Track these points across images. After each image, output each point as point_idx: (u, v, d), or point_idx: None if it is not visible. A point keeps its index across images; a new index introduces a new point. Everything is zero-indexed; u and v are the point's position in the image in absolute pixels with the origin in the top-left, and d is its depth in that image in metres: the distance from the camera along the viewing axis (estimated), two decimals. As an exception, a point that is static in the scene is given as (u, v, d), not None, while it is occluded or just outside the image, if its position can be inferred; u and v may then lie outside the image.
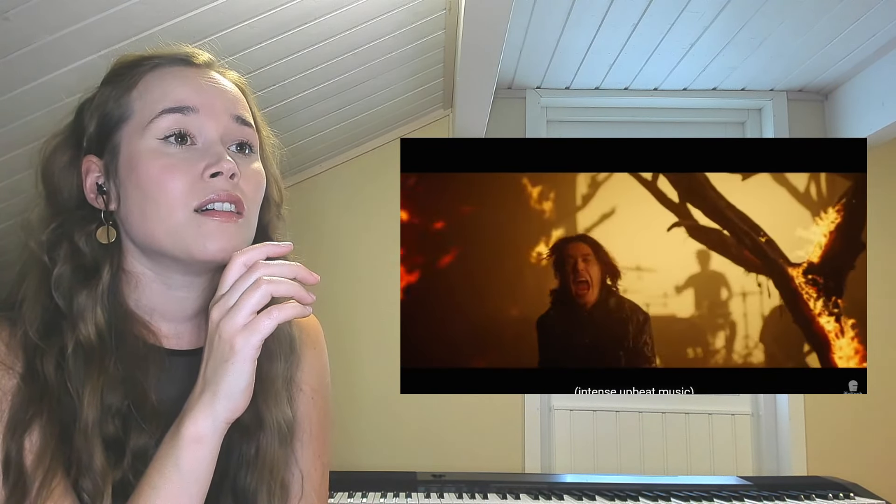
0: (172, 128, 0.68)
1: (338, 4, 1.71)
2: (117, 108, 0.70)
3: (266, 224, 0.77)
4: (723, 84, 2.64)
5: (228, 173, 0.67)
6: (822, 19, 2.13)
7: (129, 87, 0.71)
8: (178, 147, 0.68)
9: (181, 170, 0.67)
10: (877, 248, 2.50)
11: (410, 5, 1.86)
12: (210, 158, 0.68)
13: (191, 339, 0.74)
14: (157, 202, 0.67)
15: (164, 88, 0.70)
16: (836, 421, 2.53)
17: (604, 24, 2.20)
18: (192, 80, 0.71)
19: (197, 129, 0.69)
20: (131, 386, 0.67)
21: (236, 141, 0.72)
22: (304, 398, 0.80)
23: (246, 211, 0.69)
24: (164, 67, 0.72)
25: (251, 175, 0.72)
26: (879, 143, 2.49)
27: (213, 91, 0.71)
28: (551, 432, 2.60)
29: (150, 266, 0.71)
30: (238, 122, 0.72)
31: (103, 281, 0.68)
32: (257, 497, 0.70)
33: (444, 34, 2.11)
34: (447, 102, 2.64)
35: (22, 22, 1.31)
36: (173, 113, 0.68)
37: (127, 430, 0.65)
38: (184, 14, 1.48)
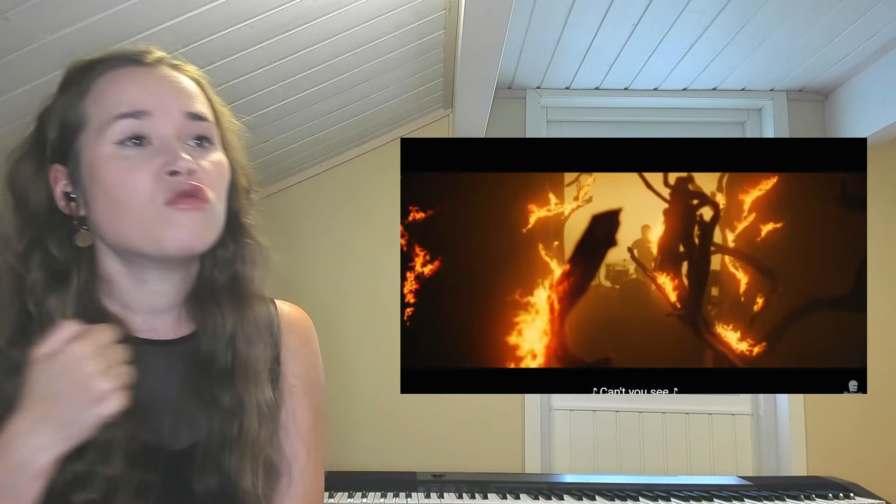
0: (128, 132, 0.70)
1: (338, 4, 1.71)
2: (73, 115, 0.72)
3: (237, 210, 0.79)
4: (723, 84, 2.64)
5: (185, 171, 0.69)
6: (822, 19, 2.13)
7: (83, 93, 0.72)
8: (135, 149, 0.70)
9: (142, 169, 0.69)
10: (877, 248, 2.50)
11: (410, 5, 1.86)
12: (167, 156, 0.69)
13: (165, 331, 0.76)
14: (125, 203, 0.69)
15: (116, 93, 0.71)
16: (836, 421, 2.53)
17: (604, 24, 2.20)
18: (144, 82, 0.72)
19: (152, 130, 0.70)
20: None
21: (193, 136, 0.73)
22: (295, 392, 0.81)
23: (210, 200, 0.71)
24: (114, 70, 0.73)
25: (212, 167, 0.73)
26: (879, 143, 2.49)
27: (165, 91, 0.73)
28: (551, 432, 2.60)
29: (124, 264, 0.73)
30: (192, 118, 0.73)
31: (74, 284, 0.70)
32: (241, 477, 0.71)
33: (444, 34, 2.11)
34: (447, 102, 2.64)
35: (22, 22, 1.31)
36: (127, 118, 0.70)
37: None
38: (184, 14, 1.48)
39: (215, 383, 0.73)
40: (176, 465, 0.70)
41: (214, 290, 0.77)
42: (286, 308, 0.86)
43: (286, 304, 0.87)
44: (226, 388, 0.73)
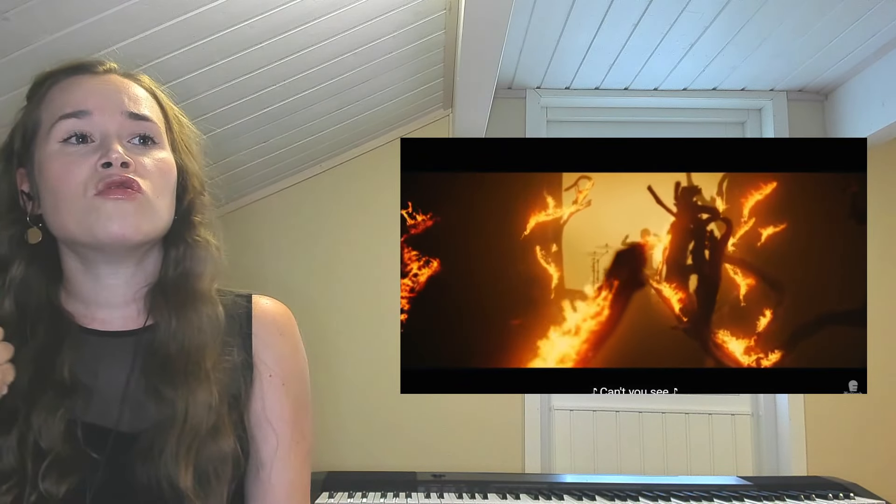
0: (70, 130, 0.75)
1: (338, 4, 1.71)
2: (30, 122, 0.79)
3: (188, 209, 0.83)
4: (723, 84, 2.64)
5: (117, 162, 0.73)
6: (822, 19, 2.13)
7: (39, 101, 0.79)
8: (76, 146, 0.75)
9: (78, 164, 0.74)
10: (877, 248, 2.50)
11: (410, 5, 1.86)
12: (102, 151, 0.74)
13: (122, 324, 0.80)
14: (62, 196, 0.74)
15: (63, 97, 0.77)
16: (836, 421, 2.53)
17: (604, 24, 2.20)
18: (89, 86, 0.78)
19: (92, 128, 0.76)
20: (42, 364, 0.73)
21: (135, 134, 0.78)
22: (271, 382, 0.82)
23: (143, 191, 0.75)
24: (67, 78, 0.79)
25: (152, 164, 0.77)
26: (879, 143, 2.48)
27: (106, 93, 0.78)
28: (551, 432, 2.60)
29: (80, 262, 0.78)
30: (134, 117, 0.78)
31: (11, 276, 0.77)
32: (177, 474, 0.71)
33: (444, 34, 2.11)
34: (447, 102, 2.64)
35: (22, 22, 1.31)
36: (70, 118, 0.75)
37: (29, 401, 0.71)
38: (184, 14, 1.48)
39: (159, 377, 0.75)
40: (122, 447, 0.73)
41: (165, 287, 0.81)
42: (263, 301, 0.87)
43: (264, 298, 0.88)
44: (167, 382, 0.75)
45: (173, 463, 0.71)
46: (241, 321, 0.83)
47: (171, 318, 0.78)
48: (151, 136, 0.78)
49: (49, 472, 0.68)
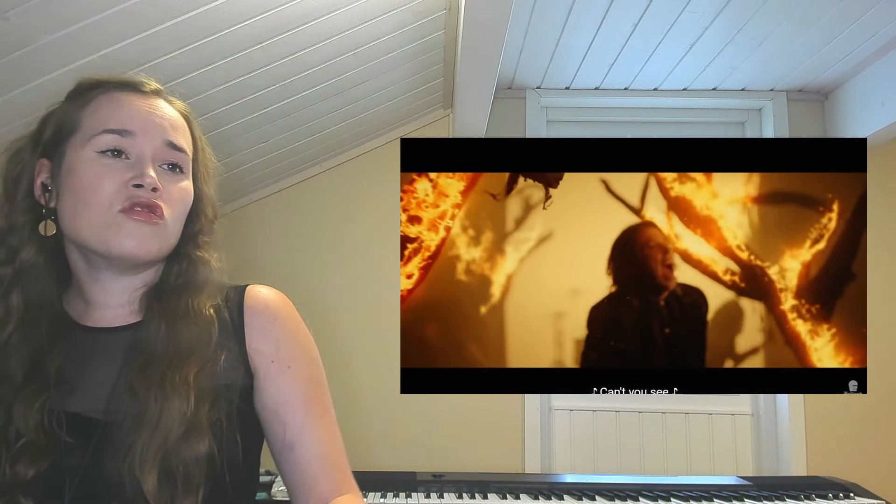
0: (110, 144, 0.78)
1: (338, 4, 1.71)
2: (70, 121, 0.81)
3: (195, 233, 0.87)
4: (723, 84, 2.64)
5: (149, 186, 0.77)
6: (822, 19, 2.13)
7: (83, 104, 0.82)
8: (112, 159, 0.78)
9: (110, 178, 0.77)
10: (877, 249, 2.50)
11: (410, 5, 1.86)
12: (136, 171, 0.78)
13: (114, 321, 0.83)
14: (87, 204, 0.77)
15: (110, 111, 0.80)
16: (836, 421, 2.53)
17: (604, 24, 2.20)
18: (135, 107, 0.81)
19: (131, 148, 0.79)
20: (32, 358, 0.76)
21: (167, 161, 0.82)
22: (278, 370, 0.82)
23: (165, 217, 0.79)
24: (114, 91, 0.82)
25: (176, 191, 0.82)
26: (879, 143, 2.49)
27: (151, 118, 0.81)
28: (551, 432, 2.60)
29: (84, 261, 0.82)
30: (170, 146, 0.82)
31: (24, 263, 0.79)
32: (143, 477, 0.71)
33: (444, 34, 2.11)
34: (447, 102, 2.64)
35: (22, 22, 1.31)
36: (113, 133, 0.79)
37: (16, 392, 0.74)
38: (184, 14, 1.48)
39: (137, 376, 0.77)
40: (106, 438, 0.74)
41: (161, 294, 0.84)
42: (255, 290, 0.87)
43: (258, 287, 0.88)
44: (143, 383, 0.76)
45: (139, 464, 0.71)
46: (231, 314, 0.84)
47: (161, 323, 0.80)
48: (181, 166, 0.83)
49: (20, 456, 0.71)
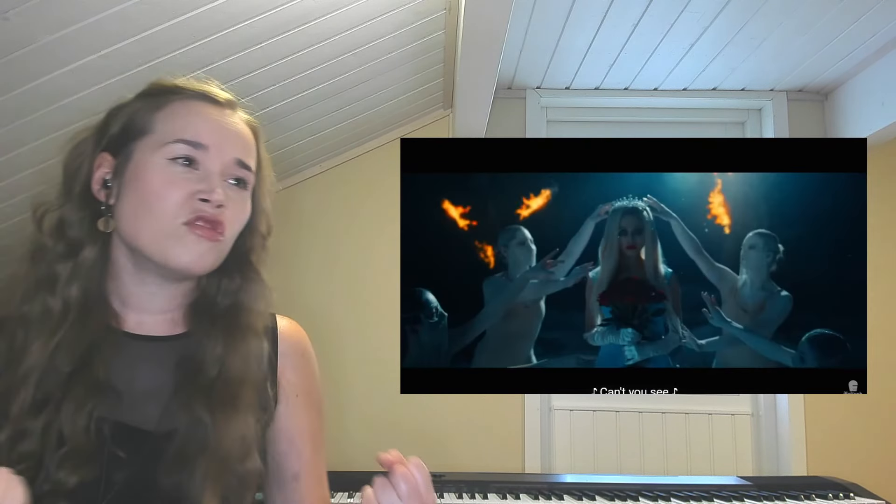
0: (182, 153, 0.78)
1: (338, 4, 1.71)
2: (141, 122, 0.80)
3: (248, 249, 0.87)
4: (723, 84, 2.64)
5: (216, 203, 0.77)
6: (822, 19, 2.13)
7: (158, 107, 0.81)
8: (182, 168, 0.78)
9: (179, 187, 0.77)
10: (877, 249, 2.50)
11: (410, 5, 1.86)
12: (205, 185, 0.78)
13: (156, 329, 0.82)
14: (151, 209, 0.76)
15: (186, 120, 0.80)
16: (836, 421, 2.53)
17: (604, 24, 2.20)
18: (211, 120, 0.81)
19: (202, 160, 0.79)
20: (81, 357, 0.74)
21: (234, 177, 0.82)
22: (301, 404, 0.87)
23: (225, 236, 0.79)
24: (191, 100, 0.82)
25: (238, 206, 0.82)
26: (879, 143, 2.48)
27: (227, 135, 0.82)
28: (551, 432, 2.60)
29: (132, 261, 0.80)
30: (239, 164, 0.82)
31: (84, 259, 0.78)
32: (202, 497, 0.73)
33: (444, 34, 2.11)
34: (447, 102, 2.64)
35: (22, 22, 1.31)
36: (187, 145, 0.78)
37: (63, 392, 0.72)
38: (184, 14, 1.48)
39: (197, 397, 0.77)
40: (151, 449, 0.74)
41: (215, 315, 0.83)
42: (284, 324, 0.91)
43: (283, 320, 0.92)
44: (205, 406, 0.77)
45: (200, 488, 0.73)
46: (263, 358, 0.85)
47: (218, 340, 0.81)
48: (246, 182, 0.83)
49: (64, 462, 0.69)
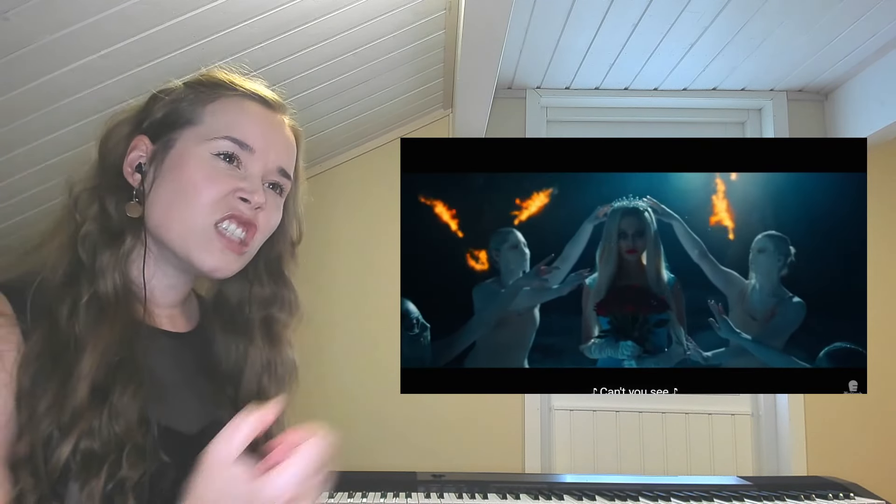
0: (228, 151, 0.77)
1: (338, 4, 1.71)
2: (190, 111, 0.79)
3: (277, 255, 0.87)
4: (723, 84, 2.64)
5: (255, 205, 0.77)
6: (822, 19, 2.13)
7: (208, 99, 0.80)
8: (225, 165, 0.77)
9: (219, 182, 0.76)
10: (877, 249, 2.50)
11: (410, 5, 1.86)
12: (247, 185, 0.77)
13: (167, 323, 0.82)
14: (188, 201, 0.75)
15: (235, 118, 0.79)
16: (836, 421, 2.53)
17: (604, 24, 2.20)
18: (260, 123, 0.81)
19: (246, 161, 0.79)
20: (125, 347, 0.72)
21: (273, 182, 0.82)
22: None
23: (252, 242, 0.79)
24: (242, 99, 0.82)
25: (272, 213, 0.82)
26: (879, 143, 2.48)
27: (274, 141, 0.81)
28: (551, 432, 2.60)
29: (155, 252, 0.79)
30: (280, 172, 0.82)
31: (126, 247, 0.75)
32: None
33: (444, 34, 2.11)
34: (447, 102, 2.64)
35: (22, 22, 1.31)
36: (235, 143, 0.78)
37: (113, 382, 0.69)
38: (184, 14, 1.48)
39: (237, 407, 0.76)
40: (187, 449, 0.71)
41: (249, 327, 0.85)
42: None
43: None
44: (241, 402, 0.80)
45: None
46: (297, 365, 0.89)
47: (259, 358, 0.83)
48: (283, 188, 0.83)
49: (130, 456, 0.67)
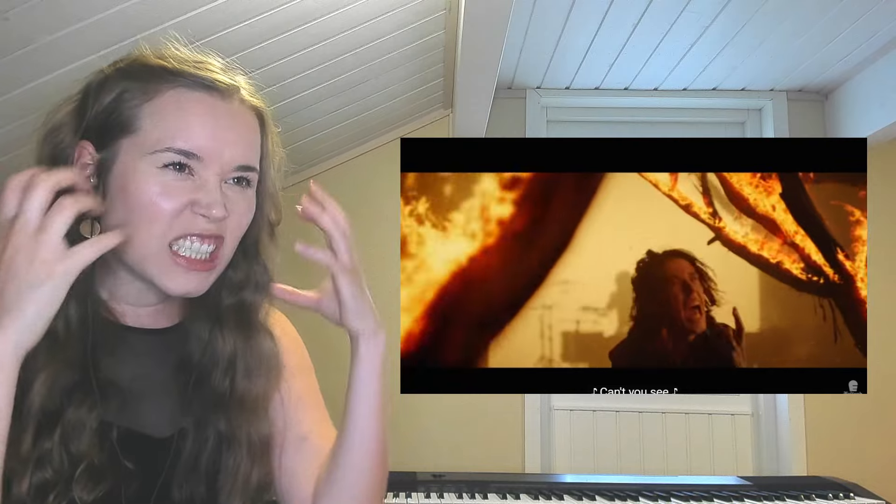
0: (174, 161, 0.68)
1: (338, 4, 1.71)
2: (128, 113, 0.69)
3: (256, 236, 0.79)
4: (723, 84, 2.64)
5: (215, 219, 0.69)
6: (822, 19, 2.13)
7: (145, 97, 0.70)
8: (174, 175, 0.68)
9: (171, 197, 0.67)
10: (877, 248, 2.50)
11: (410, 5, 1.86)
12: (203, 196, 0.68)
13: (150, 321, 0.76)
14: (141, 222, 0.67)
15: (177, 122, 0.69)
16: (836, 421, 2.52)
17: (604, 24, 2.20)
18: (208, 122, 0.70)
19: (198, 167, 0.69)
20: (85, 363, 0.67)
21: (235, 177, 0.72)
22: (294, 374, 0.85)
23: (222, 253, 0.72)
24: (185, 90, 0.71)
25: (241, 206, 0.73)
26: (879, 143, 2.48)
27: (226, 137, 0.70)
28: (551, 432, 2.60)
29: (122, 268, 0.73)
30: (240, 169, 0.72)
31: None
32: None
33: (444, 34, 2.11)
34: (447, 102, 2.64)
35: (21, 22, 1.31)
36: (179, 154, 0.68)
37: (68, 402, 0.65)
38: (184, 14, 1.48)
39: (205, 400, 0.74)
40: (155, 453, 0.70)
41: (219, 313, 0.77)
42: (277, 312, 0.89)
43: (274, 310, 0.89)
44: (220, 416, 0.74)
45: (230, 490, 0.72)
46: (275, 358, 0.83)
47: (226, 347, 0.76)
48: (249, 181, 0.74)
49: (81, 478, 0.64)
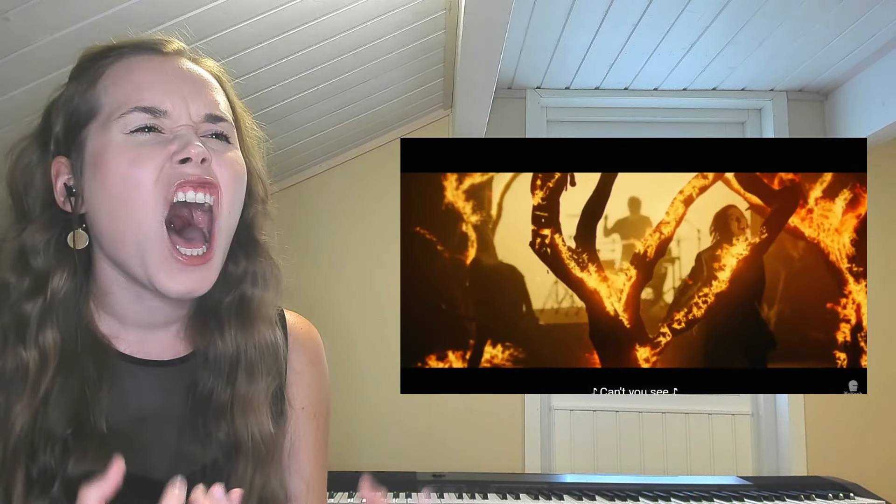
0: (142, 123, 0.64)
1: (338, 4, 1.71)
2: (84, 103, 0.66)
3: (250, 219, 0.74)
4: (723, 84, 2.64)
5: (198, 158, 0.63)
6: (822, 19, 2.13)
7: (94, 79, 0.67)
8: (147, 135, 0.64)
9: (150, 157, 0.63)
10: (877, 248, 2.50)
11: (410, 5, 1.86)
12: (178, 144, 0.64)
13: (160, 350, 0.70)
14: (127, 201, 0.63)
15: (133, 83, 0.65)
16: (836, 421, 2.53)
17: (604, 24, 2.20)
18: (164, 76, 0.66)
19: (167, 126, 0.65)
20: (80, 407, 0.61)
21: (211, 132, 0.68)
22: (306, 418, 0.77)
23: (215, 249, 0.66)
24: (131, 57, 0.67)
25: (227, 162, 0.67)
26: (879, 143, 2.48)
27: (186, 89, 0.67)
28: (551, 432, 2.60)
29: (121, 273, 0.67)
30: (212, 119, 0.68)
31: (56, 290, 0.64)
32: None
33: (444, 34, 2.11)
34: (447, 102, 2.64)
35: (21, 22, 1.31)
36: (143, 112, 0.64)
37: (65, 457, 0.60)
38: (184, 14, 1.48)
39: (211, 416, 0.68)
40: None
41: (219, 312, 0.71)
42: (293, 321, 0.80)
43: (293, 316, 0.81)
44: (222, 422, 0.68)
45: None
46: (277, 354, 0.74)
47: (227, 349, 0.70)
48: (226, 135, 0.69)
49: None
